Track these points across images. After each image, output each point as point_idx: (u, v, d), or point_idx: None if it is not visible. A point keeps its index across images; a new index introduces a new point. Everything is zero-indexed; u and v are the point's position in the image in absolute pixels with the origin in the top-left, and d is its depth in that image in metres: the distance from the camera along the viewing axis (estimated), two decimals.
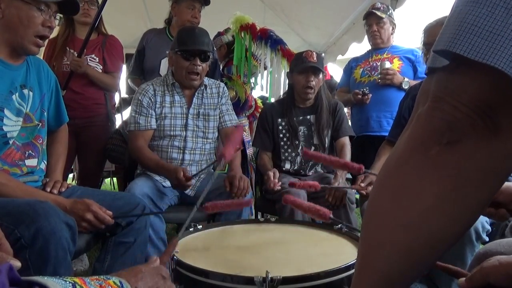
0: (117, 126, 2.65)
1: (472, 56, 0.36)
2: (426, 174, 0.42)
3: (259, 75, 2.93)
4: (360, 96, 2.59)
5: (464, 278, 0.65)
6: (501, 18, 0.36)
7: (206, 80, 2.18)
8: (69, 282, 0.53)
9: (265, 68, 2.86)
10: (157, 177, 2.02)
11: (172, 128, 2.07)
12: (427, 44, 1.89)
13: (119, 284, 0.62)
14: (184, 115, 2.09)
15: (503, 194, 0.83)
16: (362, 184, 1.84)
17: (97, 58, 2.47)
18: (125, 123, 2.42)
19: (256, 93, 3.43)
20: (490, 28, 0.36)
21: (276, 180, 2.03)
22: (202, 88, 2.14)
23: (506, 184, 0.85)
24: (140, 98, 2.06)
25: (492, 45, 0.35)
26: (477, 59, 0.36)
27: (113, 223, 1.43)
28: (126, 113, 2.87)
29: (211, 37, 2.95)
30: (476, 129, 0.39)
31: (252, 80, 2.95)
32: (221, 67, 3.12)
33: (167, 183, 2.01)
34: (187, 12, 2.58)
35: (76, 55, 2.36)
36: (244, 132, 2.98)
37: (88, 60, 2.42)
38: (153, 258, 0.85)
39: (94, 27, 2.32)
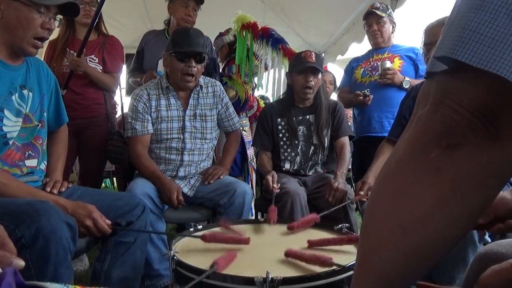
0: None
1: (474, 63, 0.36)
2: (425, 177, 0.42)
3: (261, 75, 2.93)
4: (361, 98, 2.58)
5: None
6: (503, 25, 0.35)
7: (202, 79, 2.18)
8: None
9: (266, 68, 2.86)
10: None
11: (169, 131, 2.07)
12: (428, 44, 1.89)
13: None
14: (181, 118, 2.09)
15: (501, 208, 0.83)
16: (362, 192, 1.85)
17: (97, 59, 2.47)
18: (123, 121, 2.43)
19: (256, 93, 3.43)
20: (493, 35, 0.36)
21: (275, 185, 2.03)
22: (197, 88, 2.14)
23: (501, 196, 0.85)
24: (135, 103, 2.06)
25: (495, 52, 0.35)
26: (480, 66, 0.35)
27: (113, 222, 1.44)
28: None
29: (213, 38, 2.95)
30: (476, 133, 0.39)
31: (255, 80, 2.95)
32: (221, 67, 3.13)
33: None
34: (181, 10, 2.59)
35: (75, 55, 2.36)
36: (245, 132, 2.98)
37: (88, 61, 2.42)
38: None
39: (92, 27, 2.32)
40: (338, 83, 3.75)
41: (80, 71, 2.33)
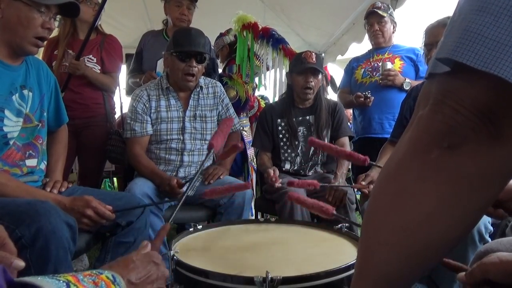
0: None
1: (476, 65, 0.36)
2: (426, 178, 0.42)
3: (262, 75, 2.93)
4: (362, 99, 2.58)
5: (464, 273, 0.65)
6: (505, 27, 0.35)
7: (202, 80, 2.18)
8: (63, 282, 0.53)
9: (268, 69, 2.86)
10: None
11: (169, 132, 2.07)
12: (428, 44, 1.88)
13: (111, 278, 0.62)
14: (181, 118, 2.09)
15: (503, 192, 0.83)
16: (363, 183, 1.84)
17: (95, 59, 2.45)
18: (122, 121, 2.43)
19: (257, 93, 3.42)
20: (494, 37, 0.35)
21: (278, 173, 2.03)
22: (198, 89, 2.14)
23: None
24: (134, 104, 2.06)
25: (496, 54, 0.35)
26: (481, 68, 0.35)
27: (113, 222, 1.43)
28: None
29: (213, 39, 2.94)
30: (477, 133, 0.39)
31: (256, 80, 2.95)
32: (222, 67, 3.13)
33: None
34: (175, 10, 2.59)
35: (74, 56, 2.35)
36: (245, 133, 2.98)
37: (86, 61, 2.40)
38: (144, 243, 0.82)
39: (92, 28, 2.31)
40: (337, 83, 3.74)
41: (79, 73, 2.32)
